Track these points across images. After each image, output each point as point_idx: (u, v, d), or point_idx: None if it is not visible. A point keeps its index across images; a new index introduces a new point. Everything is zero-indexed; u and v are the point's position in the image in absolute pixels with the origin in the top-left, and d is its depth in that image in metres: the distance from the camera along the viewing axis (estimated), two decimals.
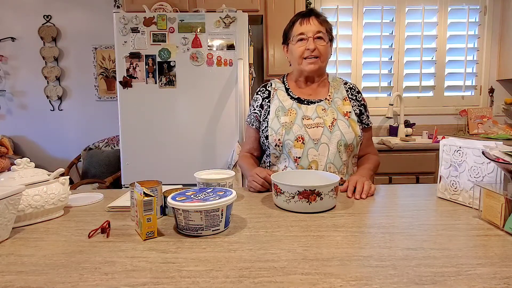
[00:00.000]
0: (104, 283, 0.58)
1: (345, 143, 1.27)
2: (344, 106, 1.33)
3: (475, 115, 2.96)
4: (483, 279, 0.58)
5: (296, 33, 1.29)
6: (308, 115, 1.29)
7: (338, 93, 1.35)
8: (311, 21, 1.27)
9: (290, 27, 1.33)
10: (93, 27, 3.09)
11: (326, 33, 1.29)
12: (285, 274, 0.60)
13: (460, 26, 3.03)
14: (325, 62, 1.33)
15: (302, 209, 0.92)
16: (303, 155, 1.25)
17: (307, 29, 1.27)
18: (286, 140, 1.26)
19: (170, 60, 2.20)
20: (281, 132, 1.27)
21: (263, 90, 1.41)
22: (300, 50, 1.29)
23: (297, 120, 1.28)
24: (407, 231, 0.79)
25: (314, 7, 2.90)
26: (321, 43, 1.27)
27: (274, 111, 1.32)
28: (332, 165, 1.26)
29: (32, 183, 0.88)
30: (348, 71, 3.04)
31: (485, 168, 0.91)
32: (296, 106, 1.31)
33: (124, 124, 2.25)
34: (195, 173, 1.05)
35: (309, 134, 1.26)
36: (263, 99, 1.38)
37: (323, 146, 1.26)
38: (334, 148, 1.26)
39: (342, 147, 1.27)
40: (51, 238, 0.78)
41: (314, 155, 1.25)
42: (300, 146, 1.25)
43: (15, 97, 3.14)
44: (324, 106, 1.31)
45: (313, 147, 1.25)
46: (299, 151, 1.26)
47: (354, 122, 1.31)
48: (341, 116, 1.29)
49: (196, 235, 0.78)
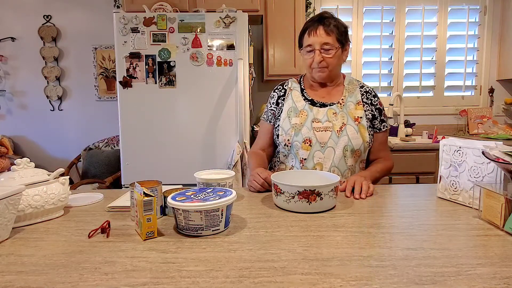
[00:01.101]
0: (104, 283, 0.58)
1: (352, 148, 1.27)
2: (356, 110, 1.33)
3: (475, 115, 2.96)
4: (483, 279, 0.58)
5: (305, 44, 1.31)
6: (319, 118, 1.30)
7: (352, 97, 1.35)
8: (318, 32, 1.26)
9: (301, 36, 1.34)
10: (93, 27, 3.09)
11: (336, 41, 1.28)
12: (285, 274, 0.60)
13: (460, 26, 3.03)
14: (336, 69, 1.33)
15: (302, 209, 0.92)
16: (309, 157, 1.28)
17: (314, 40, 1.27)
18: (294, 141, 1.29)
19: (170, 60, 2.20)
20: (290, 133, 1.30)
21: (280, 88, 1.43)
22: (309, 61, 1.31)
23: (307, 123, 1.30)
24: (407, 231, 0.79)
25: (314, 8, 2.90)
26: (328, 55, 1.27)
27: (287, 111, 1.35)
28: (337, 168, 1.28)
29: (32, 183, 0.88)
30: (348, 71, 3.04)
31: (485, 168, 0.91)
32: (308, 108, 1.33)
33: (124, 124, 2.25)
34: (195, 173, 1.05)
35: (317, 137, 1.28)
36: (279, 97, 1.40)
37: (329, 149, 1.27)
38: (340, 153, 1.27)
39: (348, 152, 1.28)
40: (51, 238, 0.78)
41: (320, 157, 1.27)
42: (307, 148, 1.28)
43: (15, 97, 3.14)
44: (335, 110, 1.32)
45: (319, 150, 1.27)
46: (306, 153, 1.28)
47: (363, 127, 1.31)
48: (351, 121, 1.30)
49: (196, 235, 0.78)
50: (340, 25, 1.30)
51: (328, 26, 1.27)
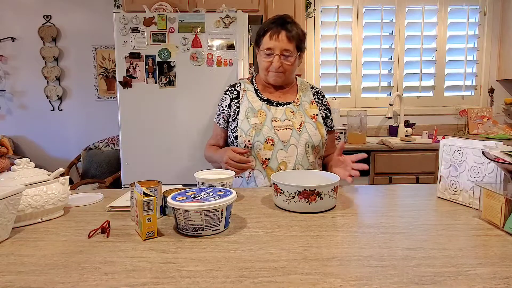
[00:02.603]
0: (104, 283, 0.58)
1: (312, 144, 1.30)
2: (311, 109, 1.36)
3: (475, 115, 2.96)
4: (483, 279, 0.58)
5: (264, 46, 1.29)
6: (278, 117, 1.31)
7: (305, 96, 1.38)
8: (280, 37, 1.25)
9: (261, 35, 1.31)
10: (93, 27, 3.09)
11: (295, 49, 1.28)
12: (285, 274, 0.60)
13: (460, 26, 3.03)
14: (292, 74, 1.35)
15: (302, 209, 0.92)
16: (272, 157, 1.28)
17: (275, 45, 1.26)
18: (256, 142, 1.28)
19: (170, 60, 2.20)
20: (251, 133, 1.28)
21: (231, 89, 1.41)
22: (266, 64, 1.30)
23: (267, 122, 1.29)
24: (407, 231, 0.79)
25: (314, 8, 2.90)
26: (287, 61, 1.28)
27: (244, 112, 1.33)
28: (300, 166, 1.29)
29: (32, 183, 0.88)
30: (348, 71, 3.04)
31: (485, 168, 0.91)
32: (266, 108, 1.32)
33: (124, 124, 2.25)
34: (195, 173, 1.05)
35: (279, 136, 1.28)
36: (232, 99, 1.38)
37: (292, 147, 1.28)
38: (302, 150, 1.29)
39: (309, 149, 1.30)
40: (51, 238, 0.78)
41: (283, 156, 1.28)
42: (269, 148, 1.28)
43: (15, 97, 3.13)
44: (292, 108, 1.33)
45: (282, 149, 1.28)
46: (269, 153, 1.28)
47: (320, 124, 1.35)
48: (308, 119, 1.32)
49: (196, 235, 0.78)
50: (301, 32, 1.30)
51: (291, 32, 1.26)
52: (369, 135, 3.03)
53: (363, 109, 2.70)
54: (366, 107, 3.02)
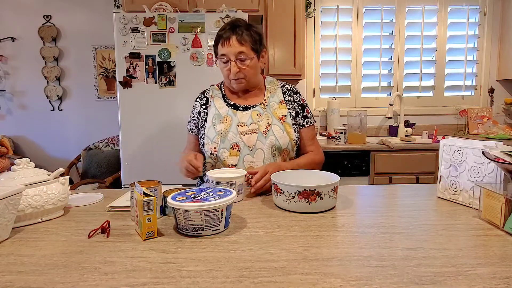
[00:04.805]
0: (104, 283, 0.58)
1: (279, 147, 1.28)
2: (280, 109, 1.33)
3: (475, 115, 2.96)
4: (483, 279, 0.58)
5: (219, 53, 1.27)
6: (243, 121, 1.29)
7: (274, 96, 1.35)
8: (232, 42, 1.23)
9: (216, 45, 1.30)
10: (93, 27, 3.09)
11: (251, 50, 1.25)
12: (285, 274, 0.60)
13: (460, 26, 3.03)
14: (254, 77, 1.31)
15: (302, 209, 0.92)
16: (239, 162, 1.27)
17: (228, 51, 1.24)
18: (221, 149, 1.27)
19: (170, 60, 2.20)
20: (216, 140, 1.28)
21: (201, 96, 1.41)
22: (226, 72, 1.28)
23: (232, 128, 1.28)
24: (407, 231, 0.79)
25: (314, 7, 2.90)
26: (244, 65, 1.25)
27: (211, 119, 1.32)
28: None
29: (32, 183, 0.88)
30: (348, 71, 3.04)
31: (485, 168, 0.91)
32: (232, 113, 1.31)
33: (124, 124, 2.25)
34: (208, 171, 1.10)
35: (244, 141, 1.27)
36: (201, 106, 1.38)
37: (259, 151, 1.27)
38: (269, 153, 1.27)
39: (276, 152, 1.28)
40: (51, 238, 0.78)
41: (250, 161, 1.27)
42: (235, 154, 1.27)
43: (15, 97, 3.13)
44: (259, 111, 1.31)
45: (248, 154, 1.27)
46: (235, 159, 1.27)
47: (289, 126, 1.31)
48: (276, 121, 1.30)
49: (196, 235, 0.78)
50: (254, 33, 1.27)
51: (241, 36, 1.24)
52: (369, 135, 3.03)
53: (363, 109, 2.70)
54: (366, 107, 3.02)
